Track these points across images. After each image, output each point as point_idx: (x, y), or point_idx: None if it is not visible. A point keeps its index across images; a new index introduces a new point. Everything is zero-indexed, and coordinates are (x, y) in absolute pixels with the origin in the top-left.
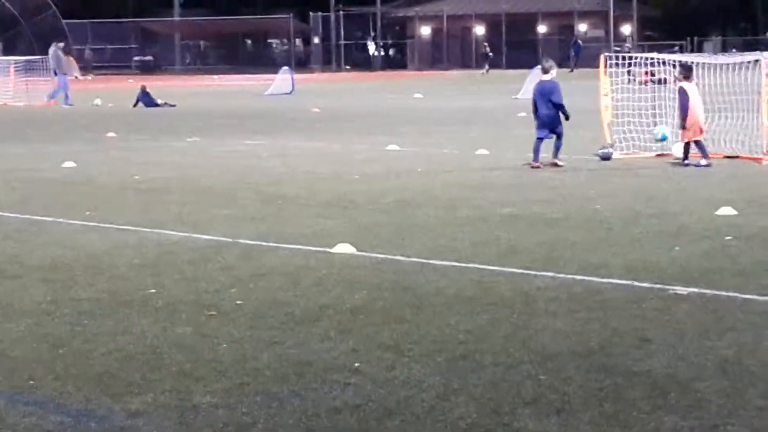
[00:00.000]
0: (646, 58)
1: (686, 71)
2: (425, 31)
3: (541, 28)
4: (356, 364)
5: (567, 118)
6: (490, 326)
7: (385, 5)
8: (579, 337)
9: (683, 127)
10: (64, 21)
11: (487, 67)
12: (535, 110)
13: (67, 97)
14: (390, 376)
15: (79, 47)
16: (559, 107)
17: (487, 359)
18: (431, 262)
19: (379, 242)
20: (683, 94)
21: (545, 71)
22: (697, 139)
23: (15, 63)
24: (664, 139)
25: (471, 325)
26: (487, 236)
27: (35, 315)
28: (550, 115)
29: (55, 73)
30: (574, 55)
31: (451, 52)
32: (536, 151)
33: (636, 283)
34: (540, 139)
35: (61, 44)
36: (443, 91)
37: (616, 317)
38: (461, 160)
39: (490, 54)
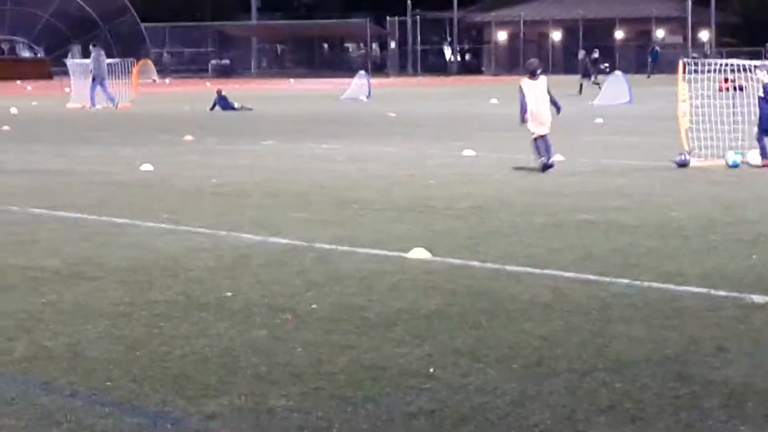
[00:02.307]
0: (725, 65)
1: None
2: (502, 36)
3: (618, 34)
4: (431, 370)
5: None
6: (565, 333)
7: (462, 10)
8: (655, 344)
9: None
10: (142, 24)
11: (595, 74)
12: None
13: (92, 99)
14: (465, 382)
15: (156, 51)
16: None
17: (562, 366)
18: (506, 267)
19: (454, 247)
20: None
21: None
22: None
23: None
24: (735, 166)
25: (546, 331)
26: (563, 242)
27: (112, 317)
28: None
29: (94, 78)
30: (651, 61)
31: (528, 57)
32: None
33: (713, 291)
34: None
35: (102, 50)
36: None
37: (693, 325)
38: (536, 166)
39: (598, 58)
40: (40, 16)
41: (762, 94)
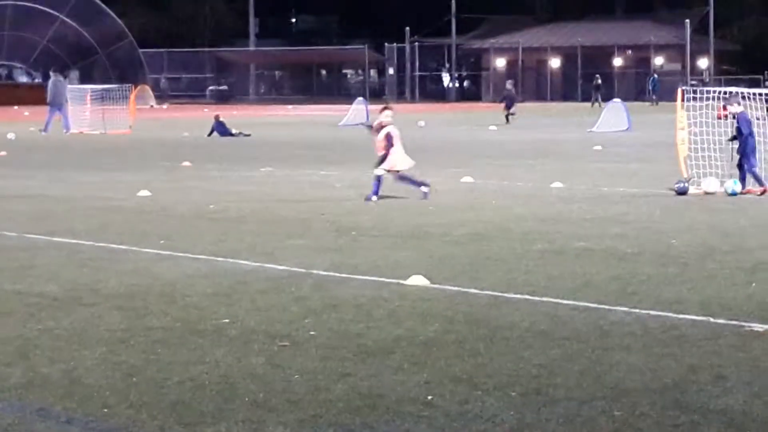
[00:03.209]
0: (723, 92)
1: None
2: (500, 63)
3: (617, 61)
4: (429, 397)
5: None
6: (564, 360)
7: (460, 37)
8: (654, 373)
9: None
10: (140, 50)
11: (599, 98)
12: None
13: (47, 125)
14: (463, 410)
15: (155, 76)
16: None
17: (560, 394)
18: (505, 295)
19: (452, 274)
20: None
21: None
22: None
23: (91, 92)
24: (734, 194)
25: (545, 359)
26: (561, 270)
27: (110, 343)
28: None
29: (51, 104)
30: (651, 89)
31: (527, 84)
32: None
33: (712, 320)
34: None
35: (60, 75)
36: (518, 124)
37: (692, 354)
38: (536, 193)
39: (600, 84)
40: (38, 42)
41: (737, 124)
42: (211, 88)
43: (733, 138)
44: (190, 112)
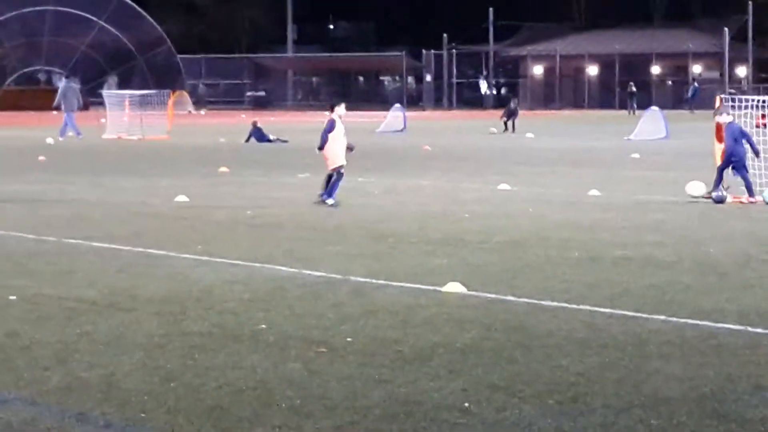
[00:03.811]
0: (762, 101)
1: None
2: (537, 70)
3: (655, 69)
4: (466, 405)
5: None
6: (601, 369)
7: (497, 44)
8: (692, 382)
9: None
10: (178, 56)
11: (634, 106)
12: None
13: (63, 130)
14: (500, 417)
15: (192, 82)
16: None
17: (598, 402)
18: (542, 302)
19: (489, 282)
20: None
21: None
22: None
23: (130, 97)
24: None
25: (582, 367)
26: (599, 278)
27: (147, 348)
28: None
29: (59, 108)
30: (691, 96)
31: (564, 91)
32: None
33: (750, 329)
34: None
35: (72, 81)
36: (555, 131)
37: (730, 363)
38: (573, 201)
39: (635, 91)
40: (77, 47)
41: (729, 135)
42: (248, 94)
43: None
44: (227, 118)
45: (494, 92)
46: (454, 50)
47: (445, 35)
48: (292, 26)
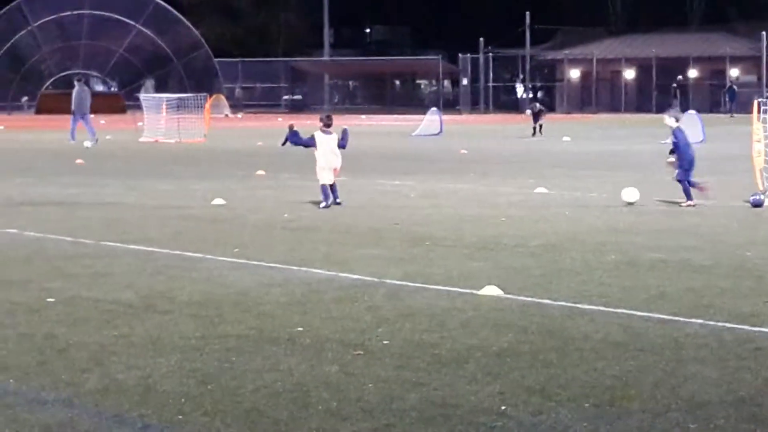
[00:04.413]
0: None
1: None
2: (574, 74)
3: (692, 73)
4: (503, 408)
5: None
6: (638, 372)
7: (534, 48)
8: (729, 386)
9: None
10: (215, 60)
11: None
12: None
13: (72, 134)
14: (536, 421)
15: (229, 86)
16: None
17: (635, 406)
18: (578, 306)
19: (525, 285)
20: None
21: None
22: None
23: (167, 100)
24: None
25: (619, 370)
26: (635, 281)
27: (184, 350)
28: None
29: (76, 112)
30: (729, 100)
31: (600, 95)
32: None
33: None
34: None
35: (85, 84)
36: (591, 135)
37: None
38: (609, 204)
39: (677, 92)
40: (114, 51)
41: (674, 139)
42: (285, 97)
43: (671, 152)
44: (264, 121)
45: (530, 96)
46: (490, 54)
47: (481, 39)
48: (329, 30)
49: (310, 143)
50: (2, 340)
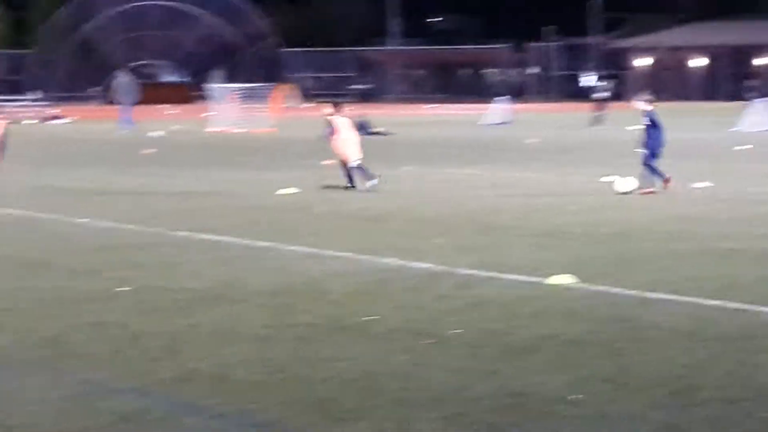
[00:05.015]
0: None
1: None
2: (643, 62)
3: (763, 60)
4: (574, 397)
5: None
6: (710, 361)
7: (602, 36)
8: None
9: None
10: (284, 49)
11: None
12: None
13: (125, 122)
14: (608, 410)
15: (298, 75)
16: None
17: (706, 395)
18: (649, 295)
19: (596, 274)
20: None
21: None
22: None
23: (236, 90)
24: None
25: (690, 359)
26: (706, 270)
27: (256, 339)
28: None
29: (123, 102)
30: None
31: (670, 83)
32: None
33: None
34: None
35: (128, 75)
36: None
37: None
38: (679, 193)
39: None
40: (184, 41)
41: (647, 123)
42: (352, 87)
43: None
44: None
45: (598, 84)
46: (558, 42)
47: (549, 27)
48: (396, 19)
49: (331, 131)
50: (76, 329)
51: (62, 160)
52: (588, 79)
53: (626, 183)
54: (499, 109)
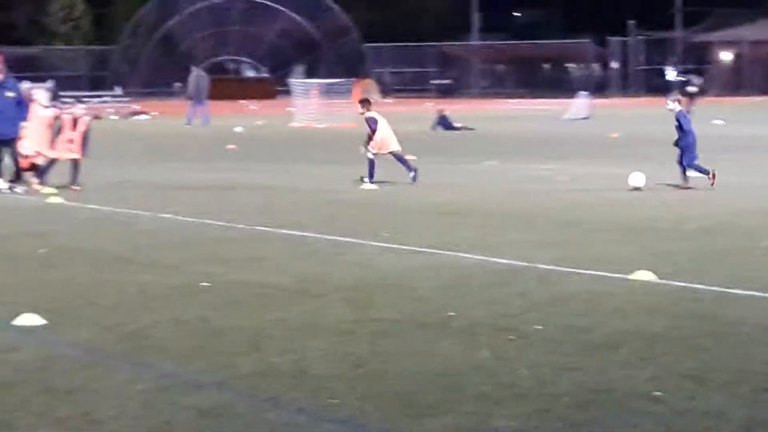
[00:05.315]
0: None
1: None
2: (726, 56)
3: None
4: (656, 393)
5: None
6: None
7: (685, 30)
8: None
9: None
10: (365, 44)
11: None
12: None
13: (205, 118)
14: (690, 406)
15: (379, 70)
16: None
17: None
18: (732, 291)
19: (678, 270)
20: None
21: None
22: None
23: (317, 86)
24: None
25: None
26: None
27: (337, 334)
28: None
29: (194, 98)
30: None
31: (754, 77)
32: None
33: None
34: None
35: (202, 70)
36: (744, 118)
37: None
38: (763, 187)
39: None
40: (265, 37)
41: (676, 123)
42: (434, 82)
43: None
44: (413, 106)
45: (681, 79)
46: (640, 36)
47: (631, 21)
48: (478, 14)
49: (374, 127)
50: (159, 324)
51: (145, 156)
52: (672, 74)
53: (637, 178)
54: (581, 104)
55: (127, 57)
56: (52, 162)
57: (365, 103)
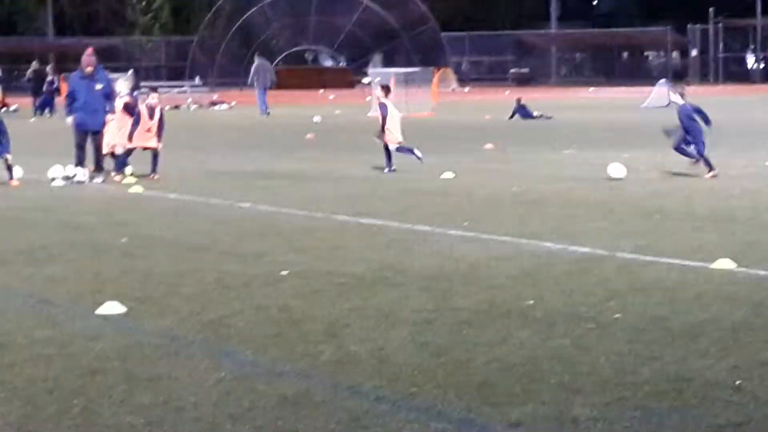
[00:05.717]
0: None
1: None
2: None
3: None
4: (737, 382)
5: None
6: None
7: (765, 17)
8: None
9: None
10: (442, 34)
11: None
12: None
13: (264, 106)
14: None
15: (456, 59)
16: None
17: None
18: None
19: (759, 258)
20: None
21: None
22: None
23: (395, 75)
24: None
25: None
26: None
27: (416, 323)
28: None
29: (259, 86)
30: None
31: None
32: None
33: None
34: None
35: (265, 58)
36: None
37: None
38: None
39: None
40: (343, 26)
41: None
42: (512, 70)
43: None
44: (491, 95)
45: (761, 66)
46: (720, 24)
47: (711, 9)
48: (556, 2)
49: (384, 113)
50: (239, 313)
51: (224, 145)
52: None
53: (618, 169)
54: (661, 93)
55: (206, 47)
56: (130, 152)
57: (386, 89)
